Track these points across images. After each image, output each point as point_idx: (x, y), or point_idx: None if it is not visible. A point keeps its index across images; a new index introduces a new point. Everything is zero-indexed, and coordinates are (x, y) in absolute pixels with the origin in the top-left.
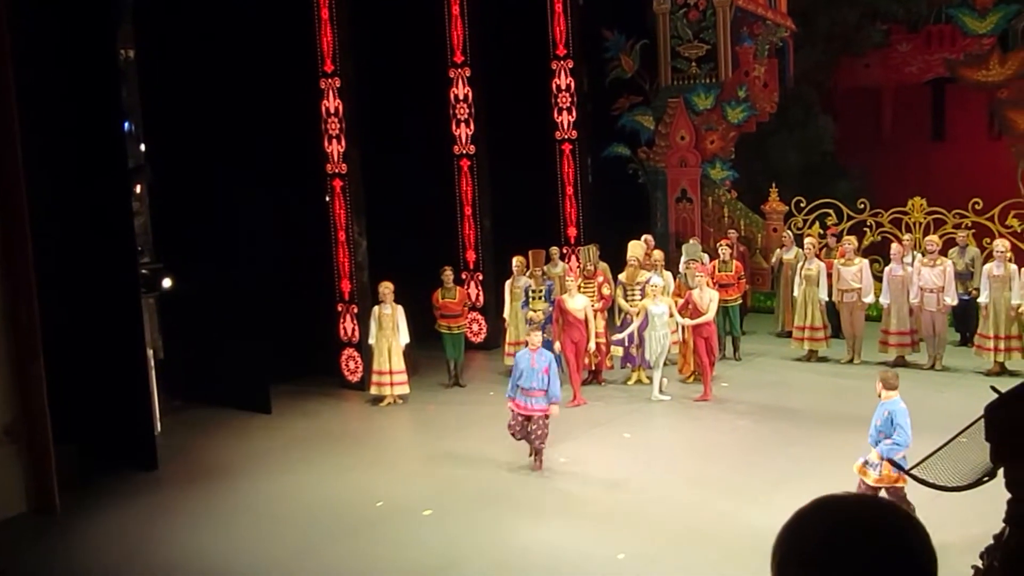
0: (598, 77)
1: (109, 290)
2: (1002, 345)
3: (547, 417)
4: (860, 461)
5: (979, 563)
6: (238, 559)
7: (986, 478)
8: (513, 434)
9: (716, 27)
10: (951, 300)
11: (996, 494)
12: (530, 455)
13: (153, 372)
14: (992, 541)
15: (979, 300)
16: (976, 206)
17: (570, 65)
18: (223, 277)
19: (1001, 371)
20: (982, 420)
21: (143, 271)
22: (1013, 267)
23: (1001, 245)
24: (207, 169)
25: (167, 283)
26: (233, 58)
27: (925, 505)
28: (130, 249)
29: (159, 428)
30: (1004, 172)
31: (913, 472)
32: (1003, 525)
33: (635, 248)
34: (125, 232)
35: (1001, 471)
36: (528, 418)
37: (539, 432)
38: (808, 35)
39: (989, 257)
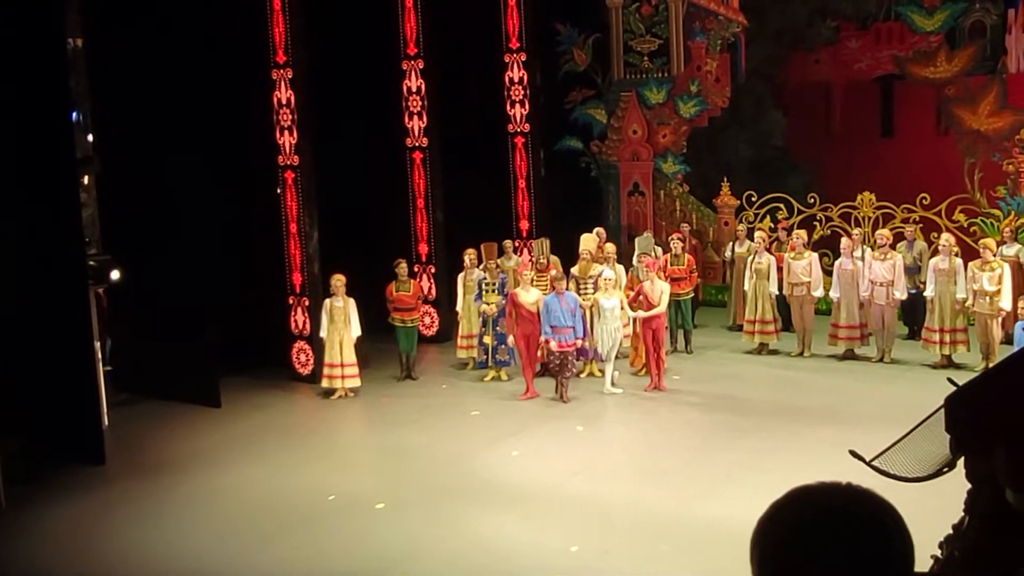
0: (551, 70)
1: (57, 282)
2: (948, 338)
3: (574, 352)
4: None
5: (938, 553)
6: (189, 554)
7: (946, 469)
8: (551, 368)
9: (668, 22)
10: (900, 294)
11: (956, 484)
12: (556, 391)
13: (101, 365)
14: (951, 531)
15: (925, 294)
16: (924, 201)
17: (523, 58)
18: (173, 269)
19: (948, 364)
20: (940, 411)
21: (91, 263)
22: (958, 261)
23: (946, 239)
24: (157, 160)
25: (115, 275)
26: (184, 48)
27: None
28: (78, 241)
29: (107, 422)
30: (951, 168)
31: (874, 464)
32: (962, 515)
33: (587, 241)
34: (73, 223)
35: (961, 462)
36: (563, 353)
37: (568, 366)
38: (759, 31)
39: (935, 251)
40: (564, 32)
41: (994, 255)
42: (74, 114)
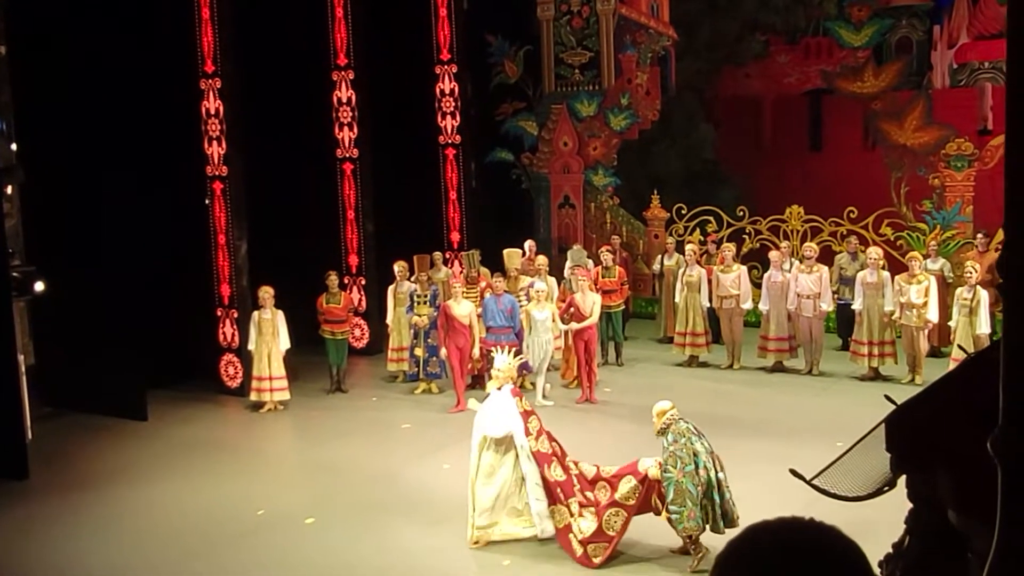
0: (482, 82)
1: None
2: (876, 351)
3: (519, 351)
4: None
5: (879, 572)
6: (115, 570)
7: (887, 488)
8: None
9: (599, 35)
10: (827, 306)
11: (894, 503)
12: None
13: (24, 378)
14: (891, 550)
15: (853, 307)
16: (851, 214)
17: (454, 70)
18: (98, 280)
19: (876, 376)
20: (880, 429)
21: (14, 274)
22: (885, 274)
23: (874, 253)
24: (83, 169)
25: (39, 286)
26: (111, 56)
27: (819, 517)
28: (1, 252)
29: (30, 436)
30: (878, 182)
31: (814, 483)
32: (903, 534)
33: (512, 258)
34: None
35: (902, 480)
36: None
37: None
38: (690, 44)
39: (863, 265)
40: (495, 44)
41: (921, 268)
42: None
